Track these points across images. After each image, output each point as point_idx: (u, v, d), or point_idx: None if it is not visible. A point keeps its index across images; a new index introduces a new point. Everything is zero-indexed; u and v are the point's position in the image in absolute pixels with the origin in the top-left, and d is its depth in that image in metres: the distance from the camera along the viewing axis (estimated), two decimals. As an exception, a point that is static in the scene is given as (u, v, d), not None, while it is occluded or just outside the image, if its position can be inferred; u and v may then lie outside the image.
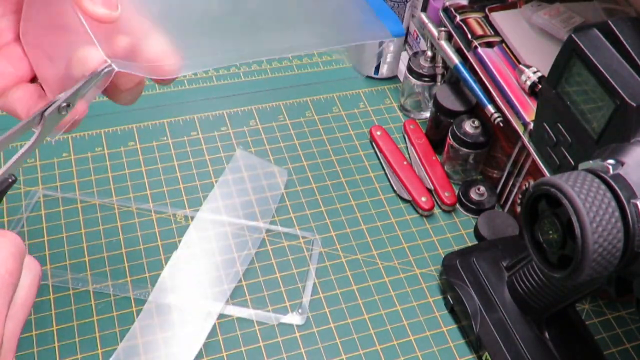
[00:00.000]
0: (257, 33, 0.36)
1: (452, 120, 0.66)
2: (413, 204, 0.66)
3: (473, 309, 0.55)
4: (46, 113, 0.32)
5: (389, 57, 0.77)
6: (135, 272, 0.58)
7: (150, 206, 0.63)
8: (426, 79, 0.71)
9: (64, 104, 0.32)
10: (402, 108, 0.76)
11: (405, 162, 0.69)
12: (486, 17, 0.64)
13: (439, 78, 0.71)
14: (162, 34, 0.34)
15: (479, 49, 0.62)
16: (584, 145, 0.47)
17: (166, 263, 0.59)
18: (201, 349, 0.54)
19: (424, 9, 0.77)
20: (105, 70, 0.32)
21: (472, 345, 0.56)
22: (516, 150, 0.62)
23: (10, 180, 0.31)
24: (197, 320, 0.55)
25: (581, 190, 0.37)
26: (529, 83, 0.57)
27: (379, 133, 0.71)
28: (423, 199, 0.66)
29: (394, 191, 0.68)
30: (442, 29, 0.67)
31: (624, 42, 0.44)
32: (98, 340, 0.54)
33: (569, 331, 0.54)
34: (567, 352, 0.53)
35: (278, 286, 0.59)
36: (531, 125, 0.56)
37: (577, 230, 0.37)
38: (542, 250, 0.42)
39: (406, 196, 0.67)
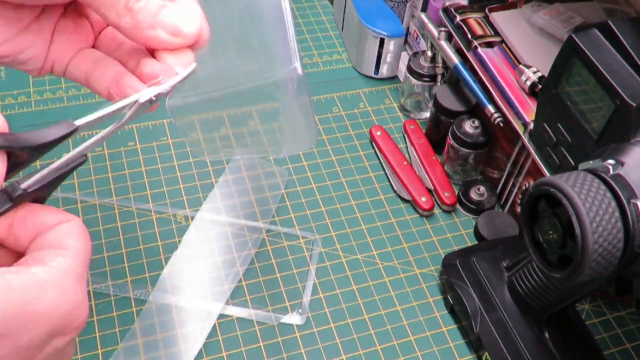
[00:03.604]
0: None
1: (452, 120, 0.66)
2: (413, 204, 0.66)
3: (473, 309, 0.55)
4: (141, 100, 0.33)
5: (389, 57, 0.77)
6: (135, 272, 0.58)
7: (150, 206, 0.63)
8: (426, 79, 0.71)
9: (154, 97, 0.33)
10: (402, 108, 0.76)
11: (405, 162, 0.69)
12: (486, 17, 0.64)
13: (439, 78, 0.71)
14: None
15: (479, 49, 0.62)
16: (584, 145, 0.47)
17: (166, 263, 0.59)
18: (201, 349, 0.54)
19: (424, 9, 0.77)
20: (193, 69, 0.34)
21: (472, 345, 0.56)
22: (516, 150, 0.62)
23: (82, 160, 0.31)
24: (197, 320, 0.55)
25: (581, 190, 0.37)
26: (529, 83, 0.57)
27: (379, 133, 0.71)
28: (423, 199, 0.66)
29: (394, 191, 0.68)
30: (442, 29, 0.67)
31: (624, 42, 0.44)
32: (98, 340, 0.54)
33: (569, 331, 0.54)
34: (567, 352, 0.53)
35: (278, 286, 0.59)
36: (531, 125, 0.56)
37: (577, 230, 0.37)
38: (542, 250, 0.42)
39: (406, 196, 0.67)
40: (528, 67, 0.58)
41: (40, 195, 0.30)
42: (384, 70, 0.78)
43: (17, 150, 0.28)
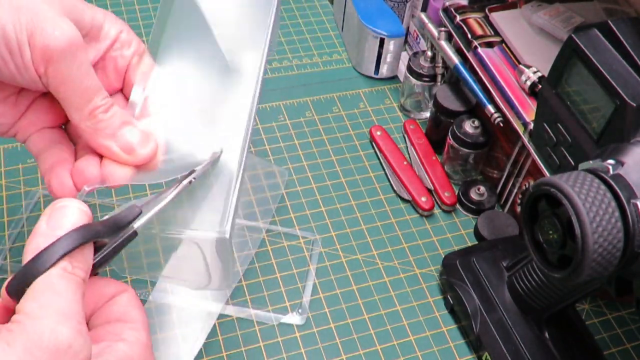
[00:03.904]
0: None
1: (452, 120, 0.66)
2: (413, 204, 0.67)
3: (473, 309, 0.55)
4: (184, 182, 0.38)
5: (389, 57, 0.77)
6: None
7: (150, 206, 0.63)
8: (426, 79, 0.71)
9: (194, 179, 0.38)
10: (402, 108, 0.76)
11: (405, 162, 0.69)
12: (486, 17, 0.64)
13: (439, 78, 0.71)
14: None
15: (479, 49, 0.62)
16: (584, 145, 0.47)
17: (166, 263, 0.59)
18: (201, 349, 0.54)
19: (424, 9, 0.77)
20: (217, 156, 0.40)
21: (472, 345, 0.56)
22: (516, 150, 0.62)
23: (133, 236, 0.35)
24: (197, 320, 0.55)
25: (581, 190, 0.37)
26: (529, 83, 0.57)
27: (379, 133, 0.71)
28: (423, 199, 0.66)
29: (394, 191, 0.68)
30: (442, 29, 0.67)
31: (624, 42, 0.44)
32: (98, 340, 0.54)
33: (569, 331, 0.54)
34: (567, 352, 0.53)
35: (278, 286, 0.59)
36: (531, 125, 0.56)
37: (577, 230, 0.37)
38: (542, 250, 0.42)
39: (406, 196, 0.67)
40: (528, 67, 0.58)
41: (96, 270, 0.34)
42: (384, 70, 0.78)
43: (102, 238, 0.32)
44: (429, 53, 0.71)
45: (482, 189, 0.66)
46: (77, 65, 0.35)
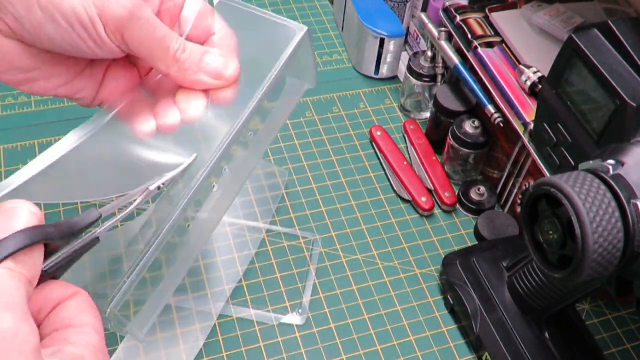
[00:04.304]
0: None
1: (452, 120, 0.66)
2: (413, 204, 0.67)
3: (473, 309, 0.55)
4: (151, 187, 0.37)
5: (389, 57, 0.77)
6: (135, 272, 0.58)
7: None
8: (426, 79, 0.71)
9: (162, 184, 0.38)
10: (402, 108, 0.76)
11: (405, 162, 0.69)
12: (486, 17, 0.64)
13: (439, 78, 0.71)
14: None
15: (479, 49, 0.62)
16: (584, 145, 0.47)
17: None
18: (201, 349, 0.54)
19: (424, 9, 0.77)
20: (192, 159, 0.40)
21: (472, 345, 0.56)
22: (516, 150, 0.62)
23: (95, 242, 0.33)
24: (197, 320, 0.55)
25: (581, 190, 0.37)
26: (529, 83, 0.57)
27: (379, 133, 0.71)
28: (423, 199, 0.66)
29: (394, 191, 0.68)
30: (442, 29, 0.67)
31: (624, 42, 0.44)
32: (98, 340, 0.54)
33: (569, 331, 0.54)
34: (567, 352, 0.53)
35: (278, 286, 0.59)
36: (531, 125, 0.56)
37: (577, 230, 0.37)
38: (542, 250, 0.42)
39: (406, 196, 0.67)
40: (528, 67, 0.58)
41: (54, 274, 0.32)
42: (384, 70, 0.78)
43: (54, 241, 0.31)
44: (429, 53, 0.71)
45: (482, 189, 0.66)
46: (145, 22, 0.37)
